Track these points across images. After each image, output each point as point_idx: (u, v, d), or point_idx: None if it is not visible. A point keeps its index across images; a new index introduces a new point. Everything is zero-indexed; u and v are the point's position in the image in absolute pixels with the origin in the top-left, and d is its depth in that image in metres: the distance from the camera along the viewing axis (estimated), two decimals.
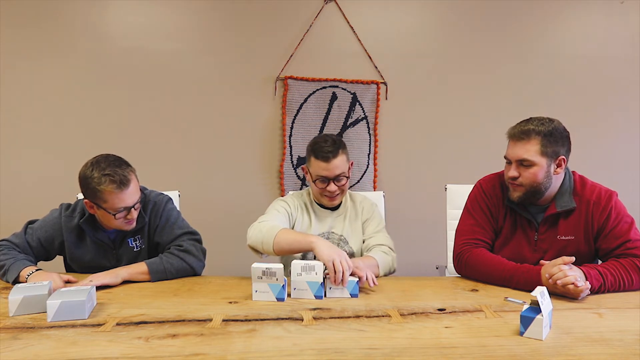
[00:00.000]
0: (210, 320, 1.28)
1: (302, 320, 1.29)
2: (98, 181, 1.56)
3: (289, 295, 1.48)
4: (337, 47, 3.10)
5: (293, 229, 1.86)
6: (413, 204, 3.20)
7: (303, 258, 1.84)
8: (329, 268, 1.47)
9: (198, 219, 2.04)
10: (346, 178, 1.84)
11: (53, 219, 1.75)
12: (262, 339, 1.16)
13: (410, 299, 1.47)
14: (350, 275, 1.48)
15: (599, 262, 1.70)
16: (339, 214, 1.94)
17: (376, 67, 3.13)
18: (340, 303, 1.43)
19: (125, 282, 1.60)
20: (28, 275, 1.55)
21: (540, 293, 1.18)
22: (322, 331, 1.21)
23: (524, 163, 1.61)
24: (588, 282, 1.44)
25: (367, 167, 3.18)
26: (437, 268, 2.45)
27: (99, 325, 1.24)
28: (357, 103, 3.14)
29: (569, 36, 3.23)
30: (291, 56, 3.06)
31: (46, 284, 1.38)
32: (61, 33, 2.91)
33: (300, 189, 2.98)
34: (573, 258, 1.44)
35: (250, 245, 1.70)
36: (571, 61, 3.23)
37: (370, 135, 3.17)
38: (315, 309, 1.37)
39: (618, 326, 1.25)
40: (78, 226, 1.72)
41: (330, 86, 3.11)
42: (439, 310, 1.37)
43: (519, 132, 1.62)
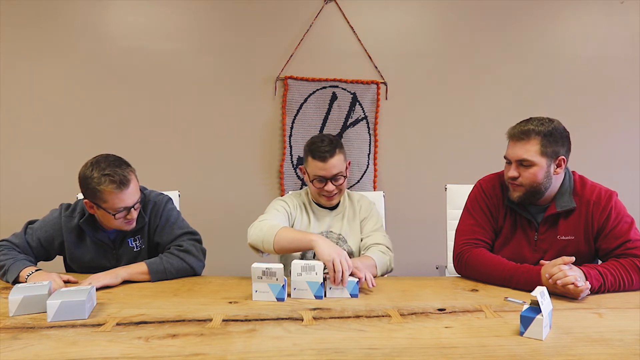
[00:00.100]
0: (210, 320, 1.28)
1: (302, 320, 1.29)
2: (98, 181, 1.56)
3: (289, 295, 1.48)
4: (337, 47, 3.10)
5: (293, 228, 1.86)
6: (413, 204, 3.20)
7: (302, 257, 1.84)
8: (329, 267, 1.47)
9: (198, 219, 2.05)
10: (344, 177, 1.84)
11: (53, 219, 1.75)
12: (262, 339, 1.16)
13: (410, 299, 1.47)
14: (349, 275, 1.49)
15: (599, 262, 1.70)
16: (338, 214, 1.94)
17: (376, 67, 3.13)
18: (340, 303, 1.43)
19: (125, 282, 1.60)
20: (28, 275, 1.55)
21: (540, 293, 1.18)
22: (322, 331, 1.21)
23: (524, 163, 1.61)
24: (588, 282, 1.44)
25: (367, 167, 3.18)
26: (437, 268, 2.45)
27: (99, 325, 1.24)
28: (357, 103, 3.14)
29: (569, 36, 3.23)
30: (291, 56, 3.06)
31: (46, 284, 1.38)
32: (61, 33, 2.91)
33: (300, 189, 2.98)
34: (573, 258, 1.44)
35: (250, 244, 1.70)
36: (571, 61, 3.23)
37: (370, 135, 3.17)
38: (315, 309, 1.37)
39: (618, 326, 1.25)
40: (78, 226, 1.72)
41: (330, 86, 3.11)
42: (439, 310, 1.37)
43: (519, 132, 1.62)
